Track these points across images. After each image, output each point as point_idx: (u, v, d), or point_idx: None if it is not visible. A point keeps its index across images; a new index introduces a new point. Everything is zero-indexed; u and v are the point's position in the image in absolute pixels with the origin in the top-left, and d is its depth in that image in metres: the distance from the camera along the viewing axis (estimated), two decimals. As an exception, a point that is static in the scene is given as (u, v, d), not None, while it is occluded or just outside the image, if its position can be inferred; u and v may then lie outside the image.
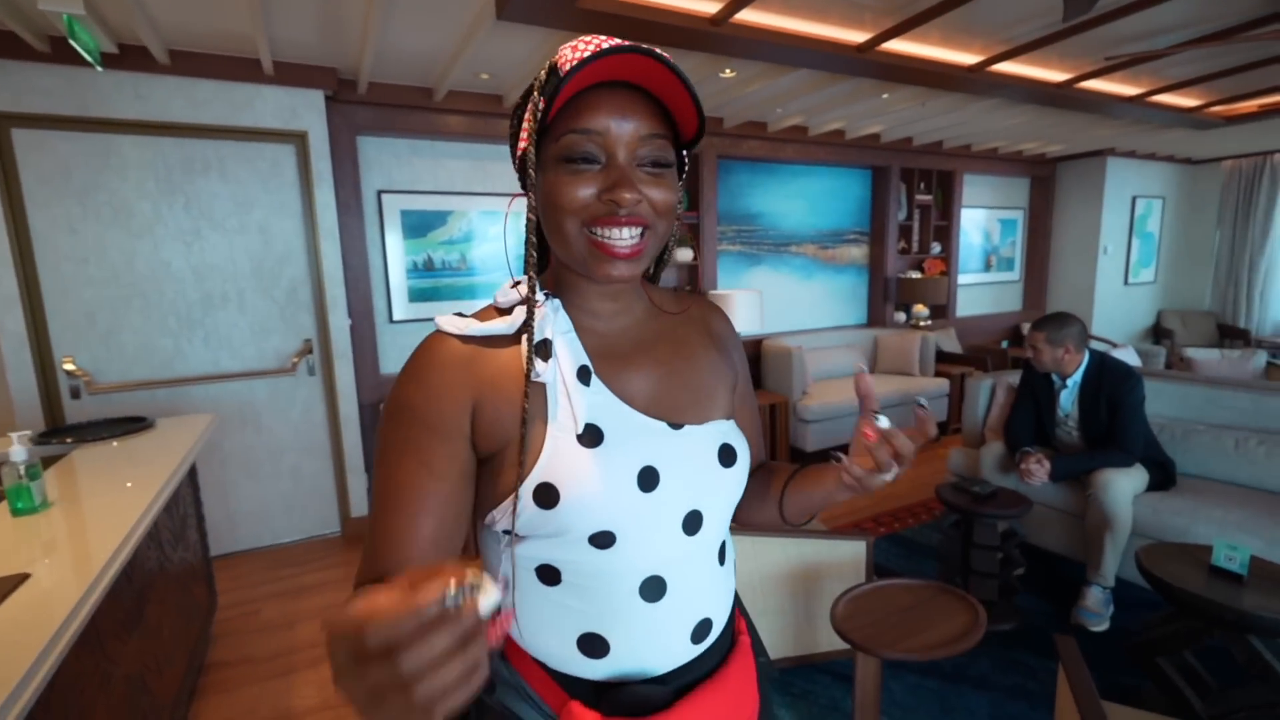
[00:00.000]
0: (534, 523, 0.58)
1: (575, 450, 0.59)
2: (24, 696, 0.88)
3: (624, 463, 0.60)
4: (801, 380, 4.09)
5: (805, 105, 3.76)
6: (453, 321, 0.61)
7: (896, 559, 2.84)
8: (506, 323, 0.61)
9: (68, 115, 2.51)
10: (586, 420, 0.60)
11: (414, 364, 0.61)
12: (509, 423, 0.60)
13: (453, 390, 0.59)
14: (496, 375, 0.60)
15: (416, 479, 0.58)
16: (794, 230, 4.80)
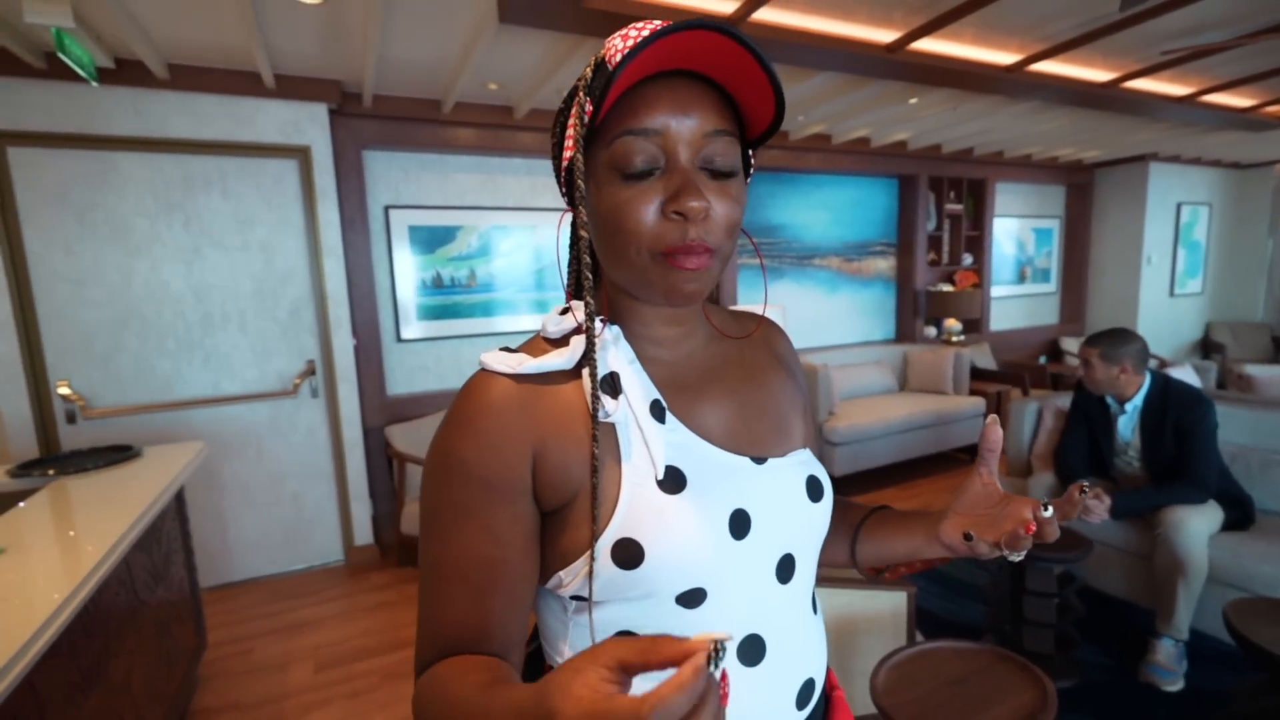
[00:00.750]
0: (613, 585, 0.51)
1: (657, 498, 0.52)
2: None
3: (713, 508, 0.53)
4: (828, 400, 3.87)
5: (829, 112, 3.58)
6: (501, 359, 0.53)
7: (936, 600, 2.61)
8: (563, 356, 0.53)
9: (66, 132, 2.44)
10: (666, 462, 0.53)
11: (463, 411, 0.52)
12: (577, 470, 0.52)
13: (512, 440, 0.51)
14: (559, 416, 0.53)
15: (480, 548, 0.51)
16: (818, 242, 4.61)
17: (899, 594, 1.71)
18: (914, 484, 3.98)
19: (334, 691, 2.14)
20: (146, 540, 1.80)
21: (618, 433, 0.53)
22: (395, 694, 2.10)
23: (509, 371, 0.53)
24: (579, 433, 0.52)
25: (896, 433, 3.94)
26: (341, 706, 2.05)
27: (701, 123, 0.49)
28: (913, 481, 4.02)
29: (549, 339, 0.57)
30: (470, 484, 0.51)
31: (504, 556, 0.51)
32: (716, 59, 0.47)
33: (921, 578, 2.76)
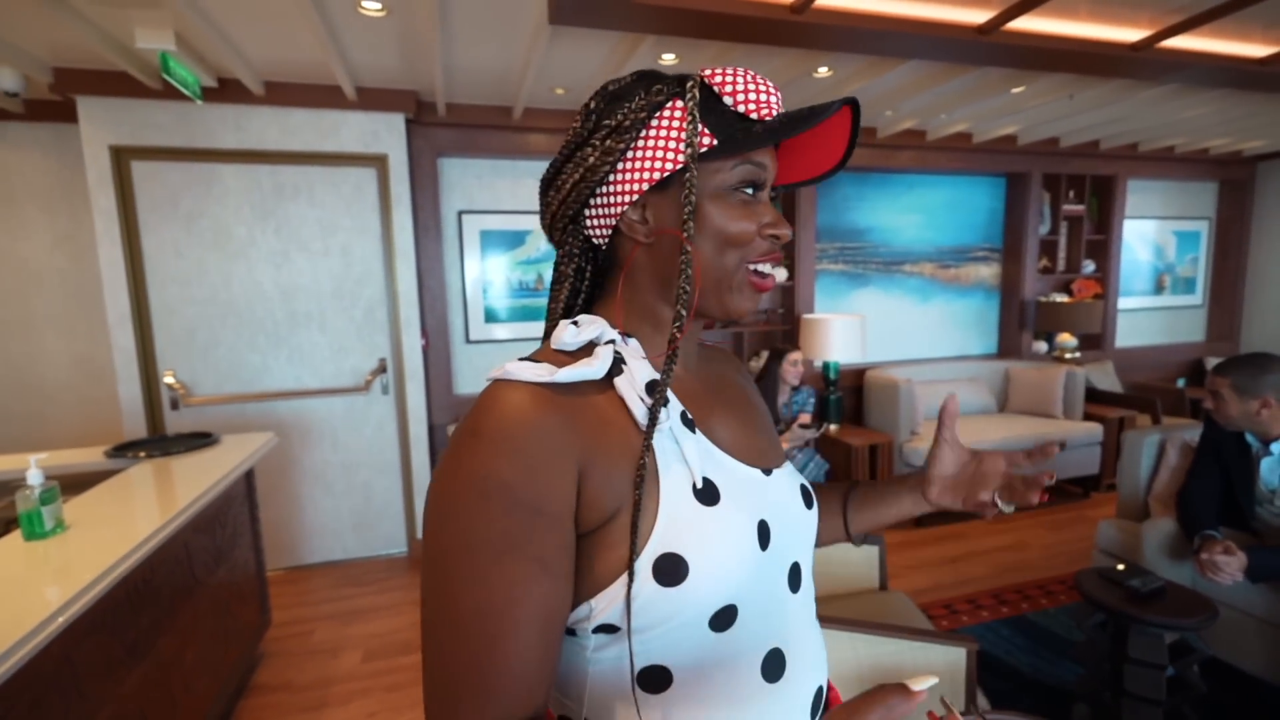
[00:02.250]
0: (651, 607, 0.49)
1: (696, 510, 0.51)
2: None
3: (744, 520, 0.53)
4: (910, 418, 3.55)
5: (920, 105, 3.29)
6: (530, 369, 0.49)
7: (1021, 654, 2.29)
8: (592, 366, 0.52)
9: (177, 147, 2.70)
10: (702, 474, 0.53)
11: (498, 426, 0.47)
12: (620, 486, 0.50)
13: (559, 457, 0.47)
14: (600, 429, 0.50)
15: (538, 584, 0.46)
16: (908, 247, 4.26)
17: (957, 649, 1.49)
18: (1010, 517, 3.56)
19: (376, 682, 2.20)
20: (209, 524, 1.93)
21: (653, 441, 0.52)
22: (430, 692, 2.12)
23: (546, 380, 0.49)
24: (620, 445, 0.50)
25: (990, 458, 3.53)
26: (379, 698, 2.11)
27: (775, 167, 0.58)
28: (1009, 515, 3.59)
29: (565, 351, 0.54)
30: (517, 510, 0.46)
31: (557, 591, 0.47)
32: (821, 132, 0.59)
33: (1006, 627, 2.44)
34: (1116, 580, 1.81)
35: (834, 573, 2.03)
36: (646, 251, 0.57)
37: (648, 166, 0.54)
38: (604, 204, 0.56)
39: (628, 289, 0.58)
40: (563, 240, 0.59)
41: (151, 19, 2.06)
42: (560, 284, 0.60)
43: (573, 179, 0.56)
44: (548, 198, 0.59)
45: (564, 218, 0.58)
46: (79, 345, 3.04)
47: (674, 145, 0.53)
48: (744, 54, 2.48)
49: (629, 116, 0.54)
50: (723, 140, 0.53)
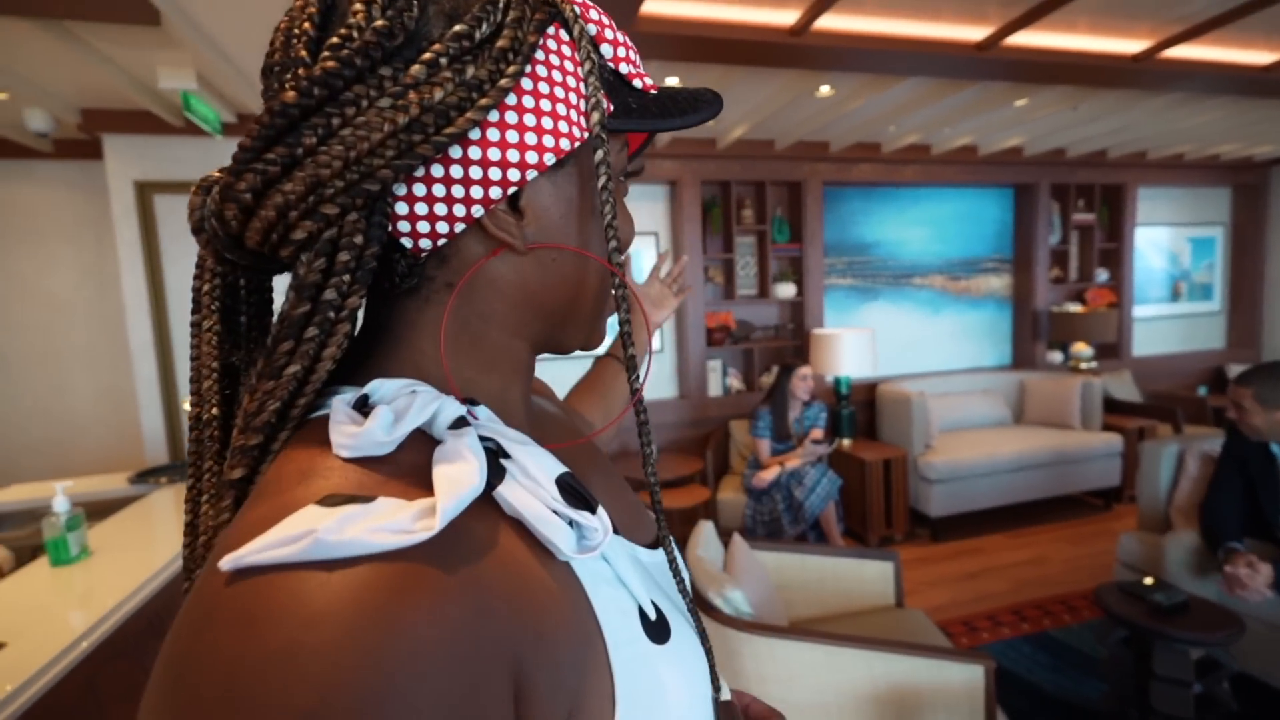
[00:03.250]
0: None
1: (655, 660, 0.34)
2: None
3: (692, 643, 0.38)
4: (924, 432, 3.52)
5: (924, 120, 3.32)
6: (381, 522, 0.25)
7: (1045, 671, 2.24)
8: (468, 478, 0.28)
9: (197, 180, 2.79)
10: (644, 596, 0.35)
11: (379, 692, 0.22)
12: (569, 673, 0.29)
13: (492, 693, 0.25)
14: (522, 589, 0.28)
15: None
16: (916, 260, 4.26)
17: (974, 667, 1.48)
18: (1029, 530, 3.51)
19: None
20: (227, 547, 1.96)
21: (577, 573, 0.32)
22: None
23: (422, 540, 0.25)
24: (549, 606, 0.29)
25: (1007, 471, 3.50)
26: None
27: None
28: (1028, 528, 3.54)
29: (373, 458, 0.29)
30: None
31: None
32: None
33: (1027, 644, 2.40)
34: (1139, 594, 1.78)
35: (847, 590, 2.01)
36: (511, 263, 0.36)
37: (547, 127, 0.33)
38: (454, 179, 0.32)
39: (458, 318, 0.36)
40: (319, 241, 0.30)
41: (174, 60, 2.15)
42: (304, 325, 0.30)
43: (387, 123, 0.29)
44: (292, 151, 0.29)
45: (341, 198, 0.29)
46: (103, 375, 3.12)
47: (574, 101, 0.34)
48: (745, 76, 2.53)
49: (509, 33, 0.32)
50: (619, 108, 0.36)
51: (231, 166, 0.30)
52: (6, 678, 1.00)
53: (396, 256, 0.34)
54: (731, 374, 3.88)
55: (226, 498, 0.32)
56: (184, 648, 0.23)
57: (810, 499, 2.90)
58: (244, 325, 0.36)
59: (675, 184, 3.64)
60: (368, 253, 0.31)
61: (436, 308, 0.35)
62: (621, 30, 0.39)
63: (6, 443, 3.05)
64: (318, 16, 0.31)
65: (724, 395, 3.81)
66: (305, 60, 0.30)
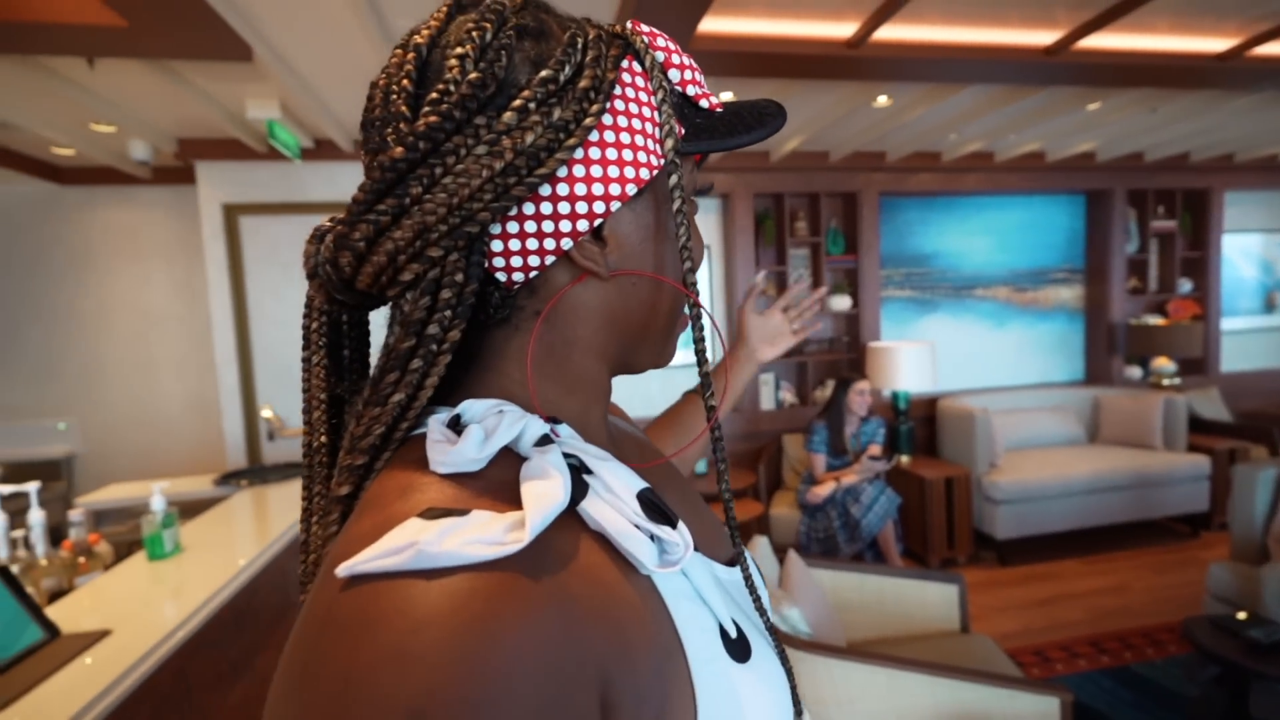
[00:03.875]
0: None
1: (736, 678, 0.33)
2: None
3: (773, 661, 0.37)
4: (988, 450, 3.38)
5: (988, 127, 3.22)
6: (476, 534, 0.26)
7: (1128, 709, 2.10)
8: (553, 494, 0.29)
9: (279, 202, 2.99)
10: (725, 613, 0.35)
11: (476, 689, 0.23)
12: (653, 684, 0.29)
13: (580, 700, 0.26)
14: (607, 603, 0.29)
15: None
16: (979, 271, 4.11)
17: (1049, 699, 1.40)
18: (1107, 557, 3.30)
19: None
20: (301, 549, 2.06)
21: (659, 588, 0.32)
22: None
23: (514, 552, 0.26)
24: (632, 620, 0.29)
25: (1081, 493, 3.31)
26: None
27: None
28: (1106, 554, 3.33)
29: (466, 474, 0.30)
30: None
31: None
32: None
33: (1107, 678, 2.25)
34: (1234, 630, 1.65)
35: (908, 613, 1.95)
36: (594, 289, 0.37)
37: (627, 159, 0.35)
38: (544, 216, 0.34)
39: (545, 344, 0.38)
40: (424, 281, 0.32)
41: (261, 92, 2.32)
42: (409, 358, 0.33)
43: (484, 170, 0.31)
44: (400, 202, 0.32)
45: (444, 242, 0.32)
46: (190, 384, 3.35)
47: (649, 130, 0.36)
48: (801, 88, 2.52)
49: (590, 72, 0.34)
50: (689, 130, 0.38)
51: (345, 217, 0.33)
52: (114, 663, 1.09)
53: (491, 289, 0.36)
54: (784, 387, 3.83)
55: (334, 513, 0.34)
56: (306, 648, 0.25)
57: (868, 517, 2.82)
58: (346, 359, 0.39)
59: (728, 197, 3.64)
60: (468, 290, 0.33)
61: (524, 334, 0.37)
62: (685, 53, 0.39)
63: (103, 444, 3.31)
64: (415, 73, 0.33)
65: (776, 409, 3.76)
66: (406, 115, 0.32)
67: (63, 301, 3.22)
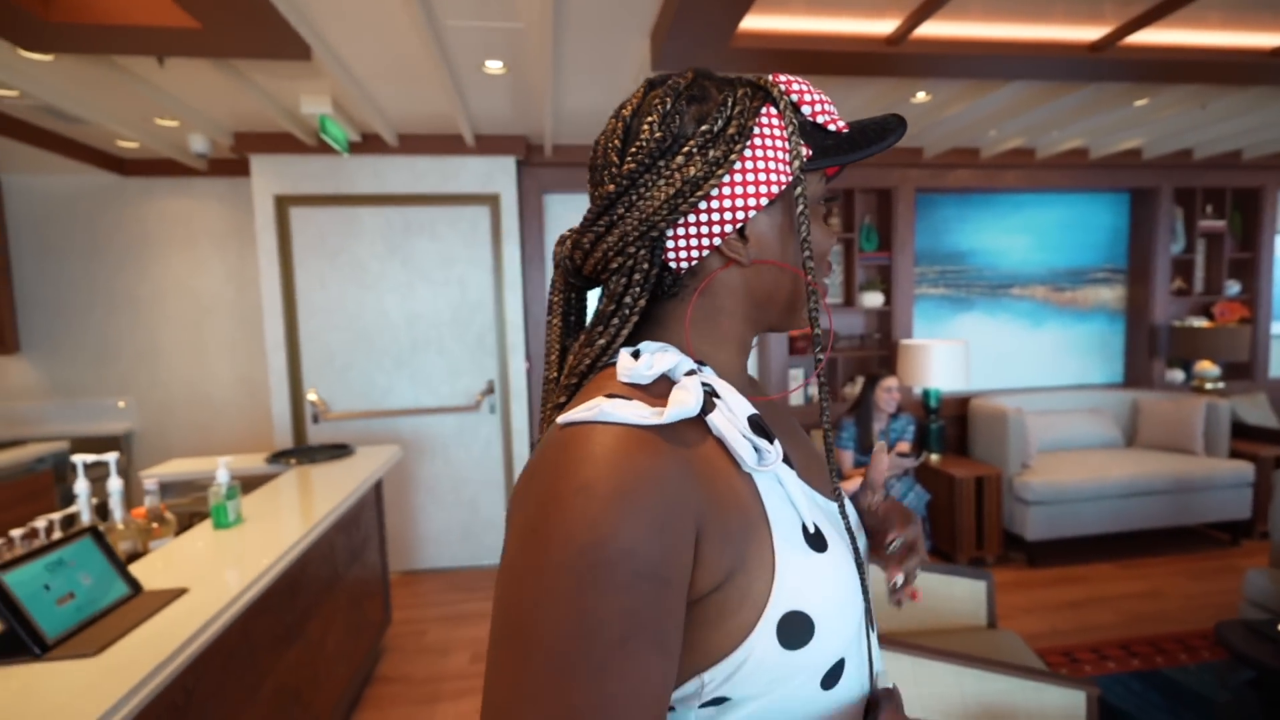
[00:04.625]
0: (769, 671, 0.43)
1: (811, 560, 0.46)
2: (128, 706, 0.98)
3: (849, 561, 0.50)
4: (1021, 450, 3.35)
5: (1028, 123, 3.17)
6: (634, 409, 0.42)
7: (1157, 712, 2.09)
8: (690, 400, 0.44)
9: (327, 194, 3.10)
10: (809, 517, 0.48)
11: (616, 481, 0.39)
12: (735, 543, 0.43)
13: (684, 517, 0.40)
14: (711, 476, 0.43)
15: (656, 670, 0.38)
16: (1016, 269, 4.05)
17: (1076, 692, 1.42)
18: (1142, 561, 3.25)
19: (481, 683, 2.35)
20: (347, 524, 2.17)
21: (757, 485, 0.46)
22: (532, 696, 2.25)
23: (656, 423, 0.42)
24: (729, 494, 0.44)
25: (1116, 496, 3.26)
26: (486, 698, 2.25)
27: None
28: (1140, 558, 3.28)
29: (639, 385, 0.46)
30: (641, 582, 0.38)
31: (673, 675, 0.40)
32: None
33: (1137, 681, 2.24)
34: (1269, 635, 1.64)
35: (934, 607, 1.97)
36: (742, 276, 0.52)
37: (761, 179, 0.48)
38: (702, 223, 0.48)
39: (701, 310, 0.52)
40: (624, 269, 0.49)
41: (315, 88, 2.42)
42: (611, 317, 0.49)
43: (663, 194, 0.47)
44: (611, 218, 0.49)
45: (637, 243, 0.48)
46: (240, 366, 3.51)
47: (781, 156, 0.48)
48: (839, 85, 2.53)
49: (735, 122, 0.48)
50: (817, 151, 0.50)
51: (580, 227, 0.51)
52: (192, 618, 1.19)
53: (666, 274, 0.51)
54: (814, 384, 3.84)
55: (554, 417, 0.52)
56: (538, 457, 0.44)
57: None
58: (573, 322, 0.56)
59: (761, 192, 3.65)
60: (651, 273, 0.49)
61: (685, 304, 0.53)
62: (818, 91, 0.52)
63: (160, 422, 3.49)
64: (621, 134, 0.50)
65: (805, 404, 3.78)
66: (615, 163, 0.49)
67: (123, 287, 3.39)
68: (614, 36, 2.09)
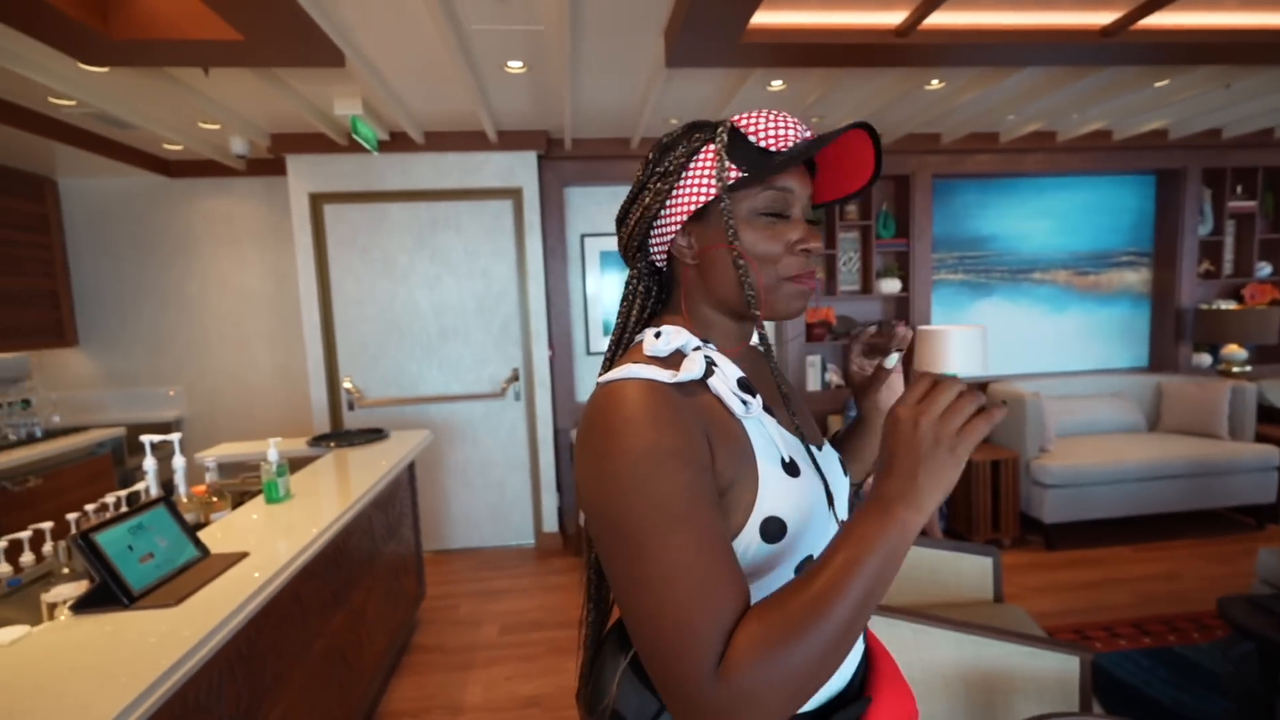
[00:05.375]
0: (756, 560, 0.60)
1: (786, 482, 0.62)
2: (196, 655, 1.12)
3: (817, 487, 0.66)
4: (1039, 434, 3.37)
5: (1048, 106, 3.16)
6: (654, 370, 0.60)
7: (1164, 686, 2.14)
8: (695, 368, 0.61)
9: (358, 191, 3.25)
10: (785, 451, 0.65)
11: (650, 408, 0.57)
12: (731, 464, 0.60)
13: (698, 426, 0.58)
14: (712, 416, 0.61)
15: (720, 530, 0.55)
16: (1037, 254, 4.03)
17: (1070, 657, 1.49)
18: (1161, 545, 3.26)
19: (511, 652, 2.50)
20: (384, 502, 2.32)
21: (747, 427, 0.63)
22: (556, 664, 2.39)
23: (669, 380, 0.60)
24: (726, 430, 0.61)
25: (1135, 480, 3.27)
26: (514, 666, 2.40)
27: (807, 189, 0.67)
28: (1160, 541, 3.28)
29: (658, 357, 0.64)
30: (689, 468, 0.55)
31: (727, 530, 0.58)
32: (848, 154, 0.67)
33: (1146, 657, 2.29)
34: (1271, 608, 1.68)
35: (942, 582, 2.04)
36: (696, 271, 0.68)
37: (688, 200, 0.65)
38: (659, 234, 0.68)
39: (689, 303, 0.70)
40: (633, 263, 0.72)
41: (347, 90, 2.55)
42: (631, 299, 0.72)
43: (635, 216, 0.69)
44: (620, 231, 0.72)
45: (633, 246, 0.71)
46: (280, 356, 3.70)
47: (707, 181, 0.64)
48: (849, 76, 2.57)
49: (673, 163, 0.66)
50: (746, 172, 0.63)
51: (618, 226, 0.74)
52: (251, 579, 1.33)
53: (660, 271, 0.73)
54: (831, 369, 3.90)
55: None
56: (587, 409, 0.61)
57: None
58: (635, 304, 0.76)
59: (778, 181, 3.70)
60: (643, 265, 0.72)
61: (678, 297, 0.72)
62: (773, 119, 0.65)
63: (207, 409, 3.70)
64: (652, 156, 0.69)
65: (823, 390, 3.84)
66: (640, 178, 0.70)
67: (171, 282, 3.60)
68: (629, 35, 2.17)
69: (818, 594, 0.50)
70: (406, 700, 2.22)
